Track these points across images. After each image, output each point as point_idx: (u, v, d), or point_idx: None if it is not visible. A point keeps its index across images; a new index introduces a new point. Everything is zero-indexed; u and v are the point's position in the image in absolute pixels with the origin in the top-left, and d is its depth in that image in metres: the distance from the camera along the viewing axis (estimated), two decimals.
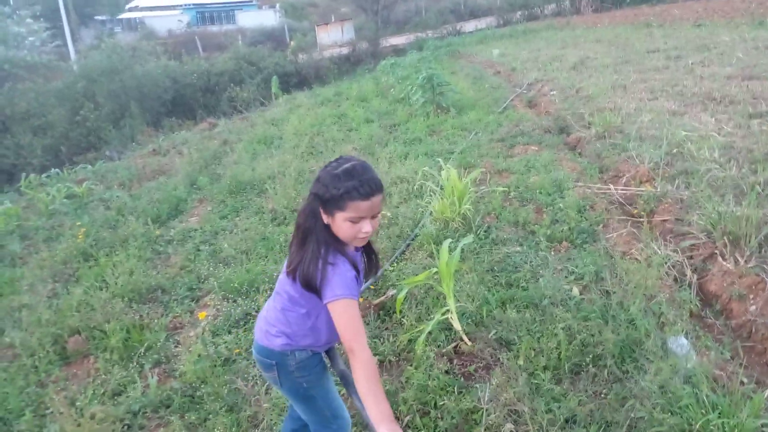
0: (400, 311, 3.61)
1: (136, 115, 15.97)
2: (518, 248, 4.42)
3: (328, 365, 2.19)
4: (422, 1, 32.11)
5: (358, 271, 1.87)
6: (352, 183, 1.75)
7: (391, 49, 21.87)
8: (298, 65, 20.14)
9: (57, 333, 4.00)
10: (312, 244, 1.83)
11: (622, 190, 5.37)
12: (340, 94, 13.03)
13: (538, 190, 5.45)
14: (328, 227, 1.84)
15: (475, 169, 5.62)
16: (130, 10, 44.95)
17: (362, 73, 17.20)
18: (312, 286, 1.82)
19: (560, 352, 3.04)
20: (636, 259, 4.02)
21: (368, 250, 2.04)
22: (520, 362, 3.03)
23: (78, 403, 3.26)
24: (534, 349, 3.12)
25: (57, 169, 9.11)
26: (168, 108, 17.58)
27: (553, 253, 4.30)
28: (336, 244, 1.84)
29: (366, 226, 1.82)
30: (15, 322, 4.37)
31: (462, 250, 3.52)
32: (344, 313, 1.77)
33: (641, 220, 4.66)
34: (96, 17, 42.75)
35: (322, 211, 1.82)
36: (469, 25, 27.72)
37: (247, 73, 18.98)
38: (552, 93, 9.87)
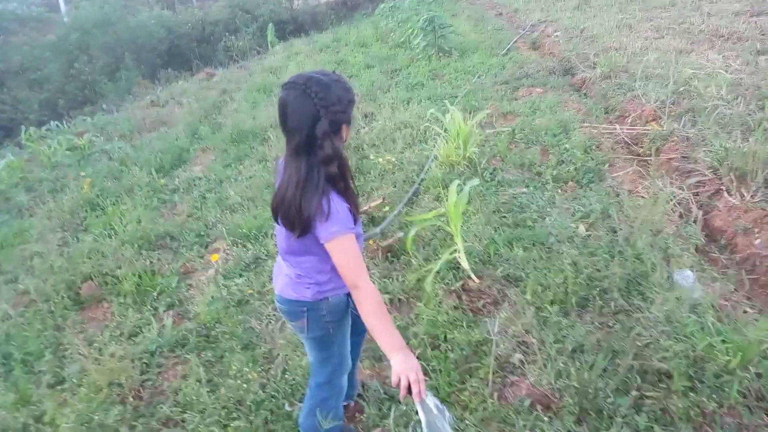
0: (409, 252, 3.64)
1: (131, 68, 15.69)
2: (524, 189, 4.43)
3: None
4: None
5: (354, 206, 1.82)
6: (351, 92, 1.80)
7: None
8: (294, 12, 19.61)
9: (70, 279, 4.07)
10: (310, 185, 1.73)
11: (628, 129, 5.33)
12: (338, 40, 12.74)
13: (544, 131, 5.41)
14: (321, 165, 1.74)
15: (479, 112, 5.56)
16: None
17: (360, 18, 16.76)
18: (307, 230, 1.77)
19: (567, 287, 3.09)
20: (642, 196, 4.04)
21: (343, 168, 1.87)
22: (528, 297, 3.08)
23: (96, 344, 3.36)
24: (541, 285, 3.17)
25: (56, 123, 9.02)
26: (164, 59, 17.23)
27: (559, 192, 4.31)
28: (332, 181, 1.77)
29: (348, 134, 1.89)
30: (28, 270, 4.46)
31: (469, 192, 3.53)
32: (341, 249, 1.75)
33: (647, 158, 4.65)
34: None
35: (335, 134, 1.75)
36: None
37: (243, 21, 18.50)
38: (556, 34, 9.66)
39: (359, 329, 2.27)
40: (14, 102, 14.56)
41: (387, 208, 4.46)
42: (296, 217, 1.75)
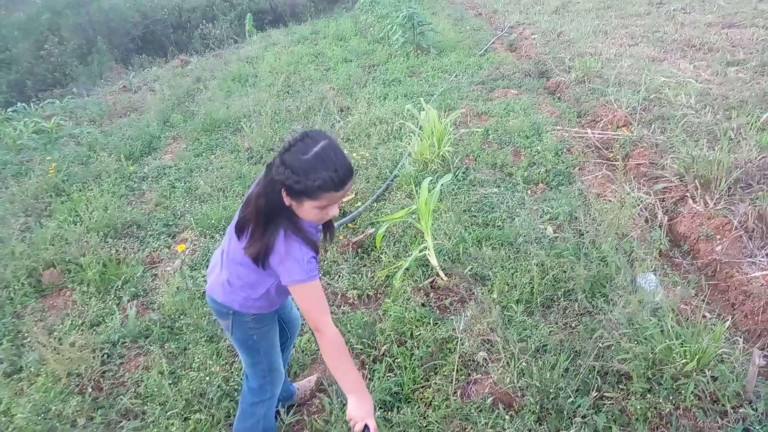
0: (379, 248, 3.65)
1: (103, 51, 15.32)
2: (495, 189, 4.46)
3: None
4: None
5: (316, 250, 1.83)
6: (328, 174, 1.65)
7: None
8: (273, 2, 19.39)
9: (31, 266, 3.97)
10: (272, 228, 1.76)
11: (599, 134, 5.42)
12: (317, 32, 12.63)
13: (517, 133, 5.46)
14: (288, 209, 1.77)
15: (454, 111, 5.59)
16: None
17: (340, 12, 16.65)
18: (269, 267, 1.81)
19: (533, 287, 3.13)
20: (610, 200, 4.10)
21: (326, 223, 1.98)
22: (494, 296, 3.11)
23: (56, 333, 3.28)
24: (508, 284, 3.21)
25: (23, 104, 8.76)
26: (137, 44, 16.86)
27: (529, 194, 4.36)
28: (295, 226, 1.78)
29: (333, 210, 1.81)
30: None
31: (440, 190, 3.55)
32: (306, 295, 1.79)
33: (616, 163, 4.73)
34: None
35: (286, 195, 1.72)
36: None
37: (220, 9, 18.21)
38: (533, 36, 9.75)
39: (291, 332, 2.43)
40: None
41: (359, 204, 4.46)
42: (258, 245, 1.78)
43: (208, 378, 2.75)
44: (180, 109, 7.58)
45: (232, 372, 2.84)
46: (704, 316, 2.94)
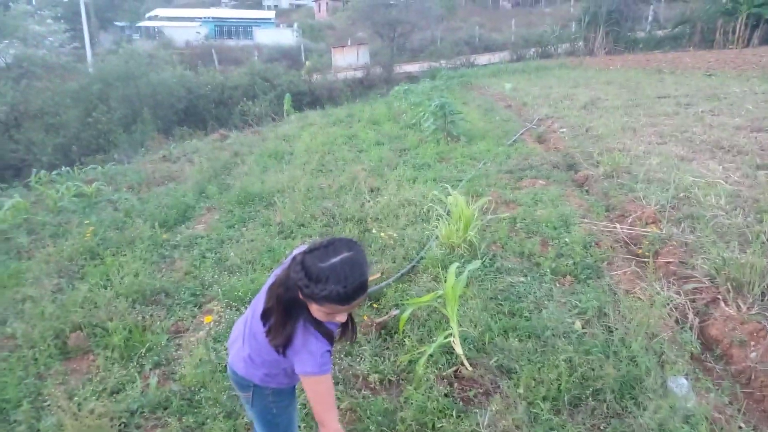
0: (403, 331, 3.62)
1: (147, 121, 16.12)
2: (522, 278, 4.45)
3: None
4: (438, 31, 32.56)
5: (332, 342, 1.88)
6: (336, 288, 1.67)
7: (404, 76, 22.17)
8: (311, 85, 20.41)
9: (59, 327, 4.02)
10: (292, 320, 1.83)
11: (628, 229, 5.42)
12: (352, 115, 13.17)
13: (545, 223, 5.50)
14: (304, 303, 1.81)
15: (482, 198, 5.68)
16: (150, 18, 45.62)
17: (375, 97, 17.40)
18: (285, 354, 1.86)
19: (560, 384, 3.05)
20: (639, 297, 4.05)
21: (348, 323, 1.99)
22: (520, 391, 3.04)
23: (76, 398, 3.27)
24: (534, 379, 3.14)
25: (67, 168, 9.17)
26: (180, 117, 17.75)
27: (557, 285, 4.33)
28: (313, 318, 1.83)
29: (341, 318, 1.85)
30: (18, 314, 4.39)
31: (467, 276, 3.56)
32: (316, 388, 1.84)
33: (646, 260, 4.69)
34: (116, 23, 43.38)
35: (299, 292, 1.77)
36: (483, 58, 28.09)
37: (261, 88, 19.20)
38: (562, 130, 9.99)
39: None
40: (28, 144, 14.87)
41: (382, 283, 4.47)
42: (281, 338, 1.84)
43: None
44: (216, 181, 7.84)
45: None
46: (740, 427, 2.82)
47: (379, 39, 28.69)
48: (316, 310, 1.77)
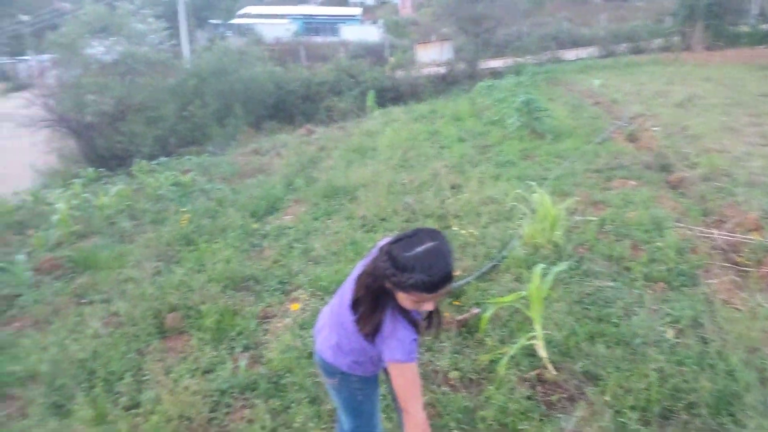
0: (484, 330, 3.60)
1: (239, 116, 16.79)
2: (611, 283, 4.29)
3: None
4: (524, 26, 31.75)
5: (419, 331, 1.91)
6: (421, 277, 1.71)
7: (488, 72, 21.78)
8: (395, 81, 20.49)
9: (158, 308, 4.30)
10: (380, 308, 1.87)
11: (727, 236, 5.09)
12: (434, 111, 13.15)
13: (635, 226, 5.27)
14: (391, 291, 1.85)
15: (569, 197, 5.52)
16: (242, 16, 47.46)
17: (458, 93, 17.26)
18: (374, 342, 1.91)
19: (650, 394, 2.94)
20: (738, 309, 3.81)
21: (432, 313, 2.01)
22: (607, 398, 2.95)
23: (172, 375, 3.49)
24: (622, 387, 3.03)
25: (165, 158, 9.77)
26: (269, 111, 18.37)
27: (648, 291, 4.15)
28: (400, 306, 1.87)
29: (428, 306, 1.87)
30: (121, 293, 4.74)
31: (553, 277, 3.48)
32: (403, 376, 1.86)
33: (746, 269, 4.40)
34: (210, 21, 45.46)
35: (387, 281, 1.82)
36: (570, 54, 27.11)
37: (346, 84, 19.52)
38: (655, 129, 9.50)
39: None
40: (131, 135, 15.89)
41: (462, 281, 4.45)
42: (370, 326, 1.89)
43: None
44: (303, 175, 8.09)
45: None
46: None
47: (464, 34, 28.37)
48: (404, 299, 1.82)
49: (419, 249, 1.74)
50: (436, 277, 1.73)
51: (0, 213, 7.47)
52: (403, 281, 1.74)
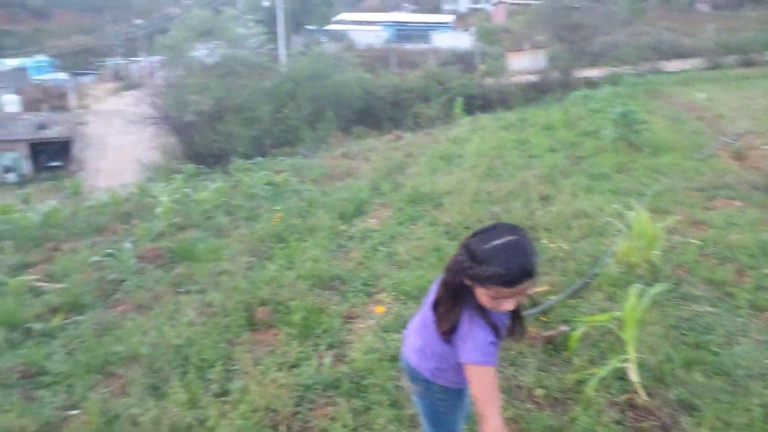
0: (574, 349, 3.49)
1: (329, 119, 17.29)
2: (711, 309, 4.04)
3: None
4: (622, 35, 30.50)
5: (499, 336, 1.86)
6: (499, 269, 1.68)
7: (582, 81, 21.14)
8: (484, 88, 20.35)
9: (249, 301, 4.49)
10: (459, 306, 1.85)
11: None
12: (524, 120, 12.91)
13: (740, 249, 4.92)
14: (470, 288, 1.82)
15: (667, 215, 5.25)
16: (337, 22, 48.71)
17: (549, 102, 16.85)
18: (451, 341, 1.88)
19: (752, 430, 2.74)
20: None
21: (514, 312, 1.96)
22: (704, 430, 2.78)
23: (260, 366, 3.64)
24: (721, 420, 2.84)
25: (260, 158, 10.21)
26: (358, 116, 18.78)
27: (754, 321, 3.86)
28: (479, 306, 1.83)
29: (506, 305, 1.80)
30: (215, 285, 5.00)
31: (650, 299, 3.32)
32: (478, 379, 1.81)
33: None
34: (306, 26, 47.00)
35: (465, 275, 1.80)
36: (671, 65, 25.75)
37: (434, 91, 19.59)
38: (765, 147, 8.84)
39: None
40: (228, 135, 16.77)
41: (554, 297, 4.34)
42: (448, 323, 1.88)
43: None
44: (389, 180, 8.20)
45: None
46: None
47: (559, 42, 27.67)
48: (482, 294, 1.79)
49: (497, 242, 1.72)
50: (514, 270, 1.69)
51: (111, 204, 8.10)
52: (480, 273, 1.72)
